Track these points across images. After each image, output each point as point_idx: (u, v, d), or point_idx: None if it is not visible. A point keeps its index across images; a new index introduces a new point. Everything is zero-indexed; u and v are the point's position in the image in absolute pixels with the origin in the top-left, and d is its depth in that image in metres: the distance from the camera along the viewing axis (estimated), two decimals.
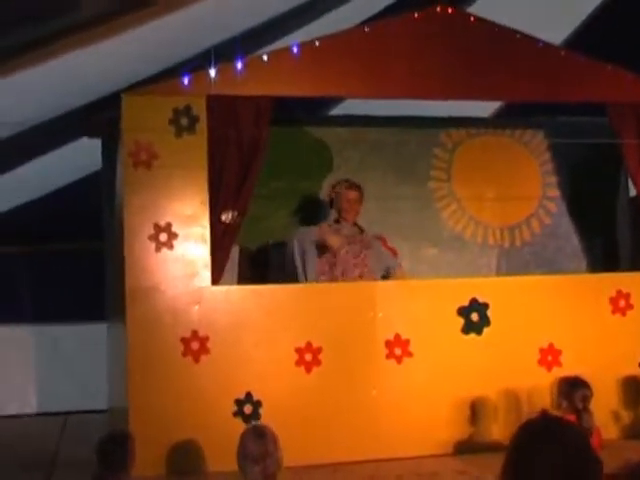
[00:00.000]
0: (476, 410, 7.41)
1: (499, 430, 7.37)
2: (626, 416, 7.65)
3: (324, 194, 8.57)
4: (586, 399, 6.80)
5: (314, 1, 9.21)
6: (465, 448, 7.32)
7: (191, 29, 8.19)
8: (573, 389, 6.84)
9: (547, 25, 9.27)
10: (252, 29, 8.87)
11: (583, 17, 10.78)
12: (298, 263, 7.87)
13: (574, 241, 9.64)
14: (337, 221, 8.12)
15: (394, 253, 8.36)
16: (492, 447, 7.12)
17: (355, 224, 8.13)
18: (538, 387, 7.45)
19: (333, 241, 7.80)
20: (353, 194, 8.04)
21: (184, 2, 7.64)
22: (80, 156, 9.47)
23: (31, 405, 9.95)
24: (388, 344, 7.32)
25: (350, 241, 7.99)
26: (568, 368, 7.39)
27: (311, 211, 8.80)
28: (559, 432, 3.03)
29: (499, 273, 9.38)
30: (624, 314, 7.82)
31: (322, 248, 7.84)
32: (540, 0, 10.48)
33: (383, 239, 8.32)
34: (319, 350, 7.17)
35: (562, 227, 9.64)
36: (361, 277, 7.90)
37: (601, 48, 8.29)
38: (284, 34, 9.14)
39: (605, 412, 7.35)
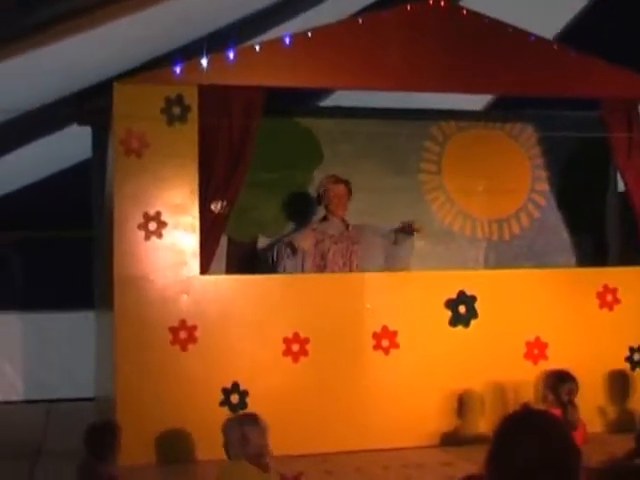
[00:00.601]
0: (463, 402, 7.44)
1: (485, 422, 7.40)
2: (611, 410, 7.69)
3: (314, 187, 8.57)
4: (572, 393, 6.82)
5: None
6: (451, 440, 7.35)
7: (184, 17, 8.16)
8: (559, 382, 6.86)
9: (539, 19, 9.23)
10: (245, 18, 8.83)
11: (575, 12, 10.78)
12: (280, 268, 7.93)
13: (562, 235, 9.66)
14: (325, 218, 8.13)
15: None
16: (478, 439, 7.14)
17: (343, 220, 8.14)
18: (524, 380, 7.48)
19: (303, 244, 7.85)
20: (341, 189, 8.06)
21: None
22: (70, 144, 9.44)
23: (17, 392, 9.93)
24: (376, 335, 7.33)
25: (337, 240, 8.02)
26: (554, 362, 7.42)
27: (299, 206, 8.80)
28: (540, 424, 3.05)
29: (487, 266, 9.40)
30: (611, 309, 7.85)
31: (293, 251, 7.90)
32: None
33: None
34: (306, 341, 7.19)
35: (551, 221, 9.65)
36: None
37: (593, 43, 8.29)
38: (277, 23, 9.10)
39: (591, 406, 7.38)
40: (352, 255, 8.05)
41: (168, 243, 7.02)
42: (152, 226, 6.99)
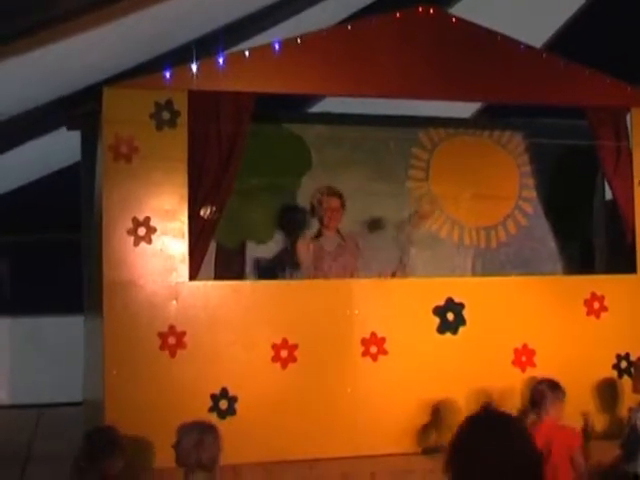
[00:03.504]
0: (450, 409, 7.44)
1: None
2: (599, 418, 7.70)
3: (302, 193, 8.58)
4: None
5: None
6: (439, 447, 7.36)
7: (173, 22, 8.16)
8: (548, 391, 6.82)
9: (528, 28, 9.28)
10: (234, 22, 8.84)
11: (563, 20, 10.85)
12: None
13: (550, 243, 9.71)
14: (319, 232, 8.14)
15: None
16: None
17: (338, 232, 8.15)
18: (512, 387, 7.50)
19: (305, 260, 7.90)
20: (334, 202, 8.06)
21: None
22: (59, 148, 9.44)
23: (6, 397, 9.92)
24: (364, 342, 7.35)
25: (335, 256, 8.03)
26: (542, 369, 7.44)
27: (288, 213, 8.81)
28: (501, 426, 3.07)
29: (475, 273, 9.44)
30: (598, 316, 7.88)
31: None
32: (521, 3, 10.51)
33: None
34: (295, 347, 7.19)
35: (538, 229, 9.70)
36: None
37: (581, 51, 8.33)
38: (266, 28, 9.12)
39: (578, 414, 7.40)
40: (353, 271, 8.07)
41: (157, 249, 7.01)
42: (141, 231, 6.98)
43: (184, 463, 5.02)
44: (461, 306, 7.57)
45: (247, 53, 7.25)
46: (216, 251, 8.61)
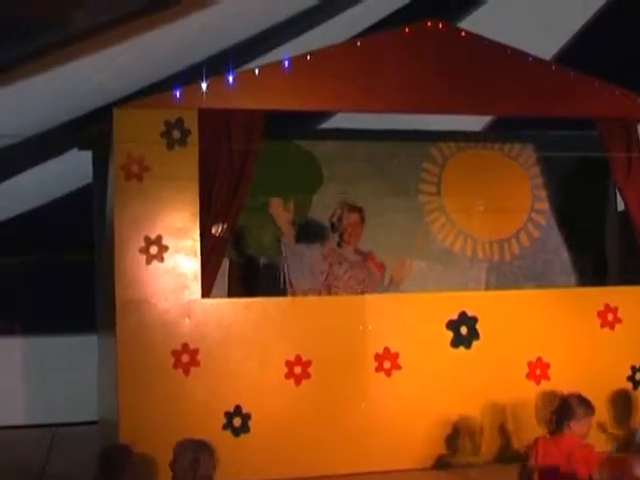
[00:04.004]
0: (465, 424, 7.43)
1: (487, 444, 7.41)
2: (614, 430, 7.67)
3: (314, 209, 8.59)
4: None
5: (307, 13, 9.22)
6: (453, 462, 7.35)
7: (183, 43, 8.20)
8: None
9: (536, 41, 9.28)
10: (244, 41, 8.88)
11: (573, 32, 10.84)
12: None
13: (563, 255, 9.69)
14: (339, 245, 8.13)
15: (381, 269, 8.31)
16: (480, 461, 7.17)
17: (357, 250, 8.13)
18: (526, 400, 7.50)
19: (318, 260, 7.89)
20: (354, 217, 8.04)
21: (174, 17, 7.65)
22: (72, 169, 9.47)
23: (20, 417, 9.92)
24: (377, 357, 7.34)
25: (354, 265, 8.02)
26: (556, 382, 7.41)
27: (301, 229, 8.81)
28: None
29: (488, 287, 9.42)
30: (612, 328, 7.86)
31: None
32: (529, 16, 10.51)
33: (371, 256, 8.28)
34: (309, 363, 7.19)
35: (551, 241, 9.68)
36: None
37: (590, 63, 8.32)
38: (275, 46, 9.15)
39: (593, 426, 7.36)
40: (367, 285, 8.06)
41: (169, 267, 7.02)
42: (153, 250, 7.00)
43: None
44: (474, 320, 7.55)
45: (257, 71, 7.27)
46: (229, 268, 8.61)
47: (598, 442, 7.14)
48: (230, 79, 7.16)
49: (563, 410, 6.04)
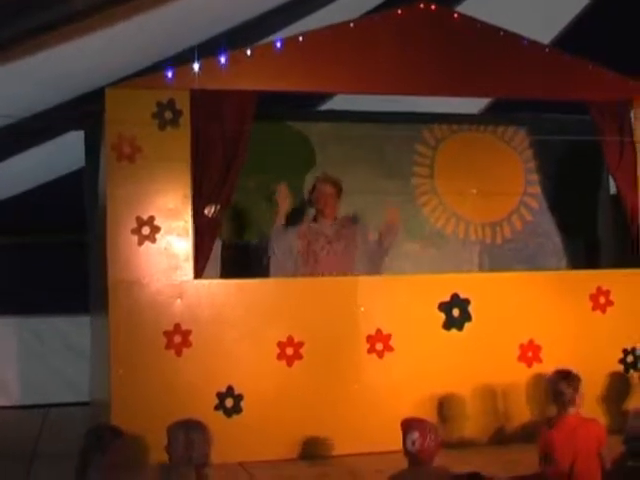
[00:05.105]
0: (456, 405, 7.44)
1: (477, 426, 7.44)
2: (605, 412, 7.68)
3: (307, 190, 8.58)
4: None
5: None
6: (445, 443, 7.35)
7: (178, 24, 8.17)
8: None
9: (532, 26, 9.24)
10: (239, 26, 8.85)
11: (570, 18, 10.83)
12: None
13: (555, 238, 9.70)
14: (315, 219, 8.13)
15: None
16: (471, 442, 7.19)
17: (335, 219, 8.14)
18: (518, 383, 7.52)
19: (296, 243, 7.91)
20: (328, 188, 8.05)
21: None
22: (65, 150, 9.46)
23: (13, 397, 9.94)
24: (369, 339, 7.35)
25: (331, 239, 8.02)
26: (548, 364, 7.41)
27: (293, 209, 8.79)
28: None
29: (481, 269, 9.43)
30: (604, 311, 7.87)
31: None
32: (525, 1, 10.50)
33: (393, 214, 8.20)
34: (301, 344, 7.20)
35: (543, 224, 9.69)
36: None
37: (586, 49, 8.30)
38: (270, 32, 9.11)
39: (584, 408, 7.38)
40: (348, 257, 8.05)
41: (162, 247, 7.02)
42: (145, 230, 7.00)
43: (177, 463, 5.04)
44: (467, 302, 7.56)
45: (249, 52, 7.26)
46: (222, 249, 8.60)
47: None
48: (222, 60, 7.15)
49: (554, 394, 6.06)
